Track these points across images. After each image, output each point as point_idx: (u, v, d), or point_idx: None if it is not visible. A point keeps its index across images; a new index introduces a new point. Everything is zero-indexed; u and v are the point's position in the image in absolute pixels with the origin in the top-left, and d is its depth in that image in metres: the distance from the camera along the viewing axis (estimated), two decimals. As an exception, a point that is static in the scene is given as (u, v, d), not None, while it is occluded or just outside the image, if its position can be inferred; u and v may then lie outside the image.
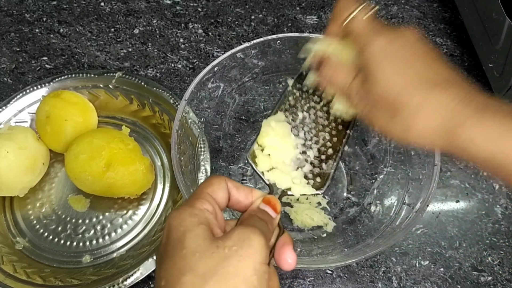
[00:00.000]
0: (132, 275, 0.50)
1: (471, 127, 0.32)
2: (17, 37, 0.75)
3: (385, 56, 0.35)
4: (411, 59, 0.35)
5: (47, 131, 0.59)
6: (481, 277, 0.53)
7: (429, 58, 0.36)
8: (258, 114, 0.61)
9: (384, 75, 0.35)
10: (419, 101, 0.33)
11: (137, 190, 0.57)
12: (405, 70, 0.35)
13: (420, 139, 0.34)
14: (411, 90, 0.34)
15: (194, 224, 0.29)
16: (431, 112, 0.33)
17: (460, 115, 0.32)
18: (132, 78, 0.64)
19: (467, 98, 0.33)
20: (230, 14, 0.77)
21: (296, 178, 0.42)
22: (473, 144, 0.32)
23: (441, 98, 0.33)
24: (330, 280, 0.53)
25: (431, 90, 0.33)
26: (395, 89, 0.34)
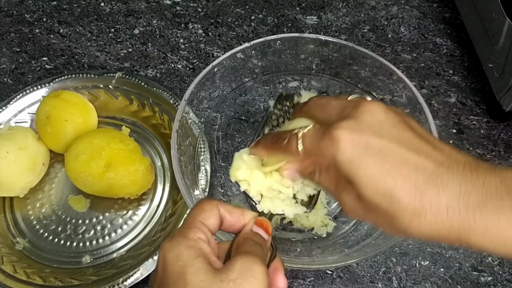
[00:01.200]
0: (132, 275, 0.50)
1: (480, 235, 0.28)
2: (17, 37, 0.75)
3: (360, 156, 0.30)
4: (391, 145, 0.30)
5: (47, 131, 0.59)
6: (481, 277, 0.53)
7: (408, 133, 0.31)
8: (258, 114, 0.61)
9: (369, 183, 0.30)
10: (416, 205, 0.29)
11: (137, 190, 0.57)
12: (389, 167, 0.30)
13: (425, 239, 0.30)
14: (404, 194, 0.29)
15: (192, 258, 0.28)
16: (432, 218, 0.29)
17: (465, 218, 0.28)
18: (132, 78, 0.64)
19: (466, 190, 0.28)
20: (230, 15, 0.77)
21: (286, 200, 0.42)
22: (485, 247, 0.29)
23: (439, 198, 0.29)
24: (330, 280, 0.53)
25: (426, 186, 0.29)
26: (385, 198, 0.30)
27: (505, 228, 0.27)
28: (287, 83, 0.59)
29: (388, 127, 0.31)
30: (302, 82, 0.59)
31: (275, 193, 0.42)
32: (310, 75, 0.58)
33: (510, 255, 0.28)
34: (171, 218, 0.56)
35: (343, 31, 0.74)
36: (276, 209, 0.41)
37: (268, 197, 0.41)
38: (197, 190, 0.51)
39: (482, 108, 0.66)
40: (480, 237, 0.28)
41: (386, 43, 0.73)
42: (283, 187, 0.42)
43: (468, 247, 0.29)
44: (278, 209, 0.41)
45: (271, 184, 0.42)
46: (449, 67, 0.70)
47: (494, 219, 0.27)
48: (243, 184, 0.43)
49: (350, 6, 0.77)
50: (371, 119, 0.32)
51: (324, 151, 0.32)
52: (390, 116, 0.32)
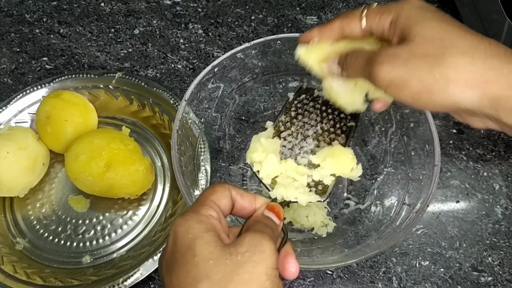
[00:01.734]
0: (132, 275, 0.50)
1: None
2: (17, 37, 0.75)
3: (426, 12, 0.33)
4: (452, 20, 0.33)
5: (47, 131, 0.59)
6: (481, 277, 0.53)
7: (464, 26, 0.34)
8: (258, 115, 0.61)
9: (431, 21, 0.32)
10: (466, 47, 0.30)
11: (137, 190, 0.57)
12: (449, 23, 0.32)
13: (467, 87, 0.30)
14: (464, 33, 0.31)
15: (202, 231, 0.29)
16: (490, 50, 0.30)
17: (499, 77, 0.30)
18: (132, 78, 0.65)
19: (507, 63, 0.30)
20: (230, 15, 0.77)
21: (300, 188, 0.43)
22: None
23: (491, 48, 0.30)
24: (330, 281, 0.53)
25: (478, 40, 0.31)
26: (444, 32, 0.31)
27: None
28: (287, 83, 0.59)
29: (443, 14, 0.34)
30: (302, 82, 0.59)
31: (289, 181, 0.43)
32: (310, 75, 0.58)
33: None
34: (171, 218, 0.56)
35: (343, 31, 0.74)
36: (289, 196, 0.41)
37: (282, 184, 0.42)
38: (197, 190, 0.51)
39: (482, 108, 0.66)
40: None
41: (386, 43, 0.73)
42: (298, 174, 0.43)
43: (497, 110, 0.30)
44: (291, 196, 0.41)
45: (285, 171, 0.43)
46: (449, 67, 0.70)
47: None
48: (256, 166, 0.43)
49: (350, 6, 0.77)
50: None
51: (392, 7, 0.35)
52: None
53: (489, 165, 0.61)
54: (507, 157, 0.61)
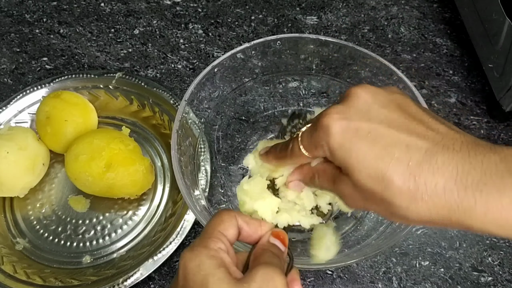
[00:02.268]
0: (132, 275, 0.50)
1: (482, 216, 0.27)
2: (17, 37, 0.75)
3: (350, 140, 0.30)
4: (380, 126, 0.30)
5: (47, 131, 0.59)
6: (481, 277, 0.53)
7: (399, 113, 0.31)
8: (258, 115, 0.61)
9: (361, 168, 0.30)
10: (411, 189, 0.28)
11: (137, 190, 0.57)
12: (379, 149, 0.29)
13: (427, 224, 0.29)
14: (398, 178, 0.28)
15: (214, 267, 0.29)
16: (429, 201, 0.28)
17: (464, 199, 0.27)
18: (132, 78, 0.65)
19: (464, 170, 0.27)
20: (230, 15, 0.77)
21: (302, 211, 0.43)
22: (487, 229, 0.28)
23: (435, 179, 0.28)
24: (330, 281, 0.53)
25: (419, 167, 0.28)
26: (379, 182, 0.29)
27: (507, 208, 0.26)
28: (287, 83, 0.59)
29: (377, 109, 0.31)
30: (302, 82, 0.59)
31: (290, 205, 0.43)
32: (310, 75, 0.58)
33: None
34: (171, 218, 0.56)
35: (343, 31, 0.74)
36: (293, 220, 0.41)
37: (285, 209, 0.42)
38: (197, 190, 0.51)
39: (482, 108, 0.66)
40: (481, 219, 0.27)
41: (386, 43, 0.73)
42: (298, 199, 0.43)
43: (470, 229, 0.28)
44: (295, 220, 0.42)
45: (284, 199, 0.43)
46: (449, 67, 0.70)
47: (495, 199, 0.26)
48: (260, 214, 0.43)
49: (350, 6, 0.77)
50: (359, 102, 0.31)
51: (318, 142, 0.32)
52: (379, 98, 0.31)
53: (489, 165, 0.61)
54: (507, 157, 0.61)
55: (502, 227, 0.27)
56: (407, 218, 0.29)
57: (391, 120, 0.30)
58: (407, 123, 0.30)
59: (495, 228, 0.27)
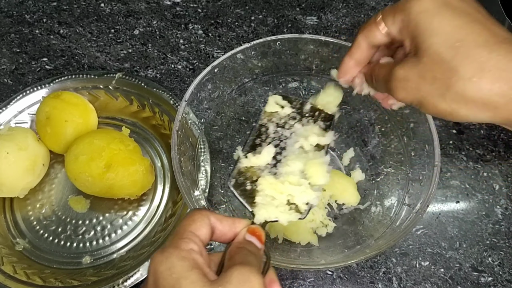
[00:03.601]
0: (132, 276, 0.50)
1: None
2: (17, 38, 0.75)
3: (438, 7, 0.31)
4: (469, 8, 0.31)
5: (47, 132, 0.59)
6: (481, 277, 0.53)
7: (482, 12, 0.32)
8: (258, 115, 0.61)
9: (438, 35, 0.30)
10: (483, 59, 0.29)
11: (137, 191, 0.57)
12: (463, 22, 0.30)
13: (478, 110, 0.30)
14: (473, 47, 0.29)
15: (186, 269, 0.27)
16: (496, 73, 0.28)
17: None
18: (132, 79, 0.65)
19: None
20: (230, 15, 0.77)
21: (280, 206, 0.41)
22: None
23: (508, 56, 0.28)
24: (330, 281, 0.53)
25: (497, 46, 0.29)
26: (452, 49, 0.29)
27: None
28: (287, 84, 0.59)
29: (470, 0, 0.32)
30: (302, 82, 0.59)
31: (268, 199, 0.41)
32: (310, 75, 0.58)
33: None
34: (171, 219, 0.56)
35: (343, 31, 0.74)
36: (270, 216, 0.40)
37: (262, 203, 0.41)
38: (197, 190, 0.51)
39: (482, 108, 0.66)
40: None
41: (386, 43, 0.73)
42: (277, 193, 0.42)
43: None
44: (273, 216, 0.40)
45: (262, 192, 0.42)
46: (449, 67, 0.70)
47: None
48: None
49: (350, 6, 0.77)
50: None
51: (401, 5, 0.33)
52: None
53: (489, 165, 0.61)
54: (507, 157, 0.61)
55: None
56: (464, 93, 0.29)
57: (480, 9, 0.31)
58: (492, 19, 0.31)
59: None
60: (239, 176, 0.43)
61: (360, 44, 0.38)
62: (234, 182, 0.43)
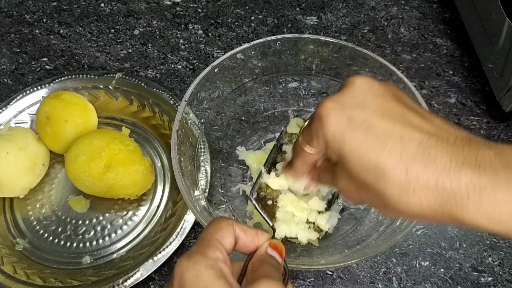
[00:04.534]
0: (132, 276, 0.50)
1: (474, 211, 0.27)
2: (17, 38, 0.75)
3: (343, 131, 0.30)
4: (374, 116, 0.29)
5: (47, 132, 0.59)
6: (482, 277, 0.53)
7: (394, 104, 0.30)
8: (258, 115, 0.61)
9: (354, 158, 0.29)
10: (402, 181, 0.28)
11: (137, 191, 0.57)
12: (370, 141, 0.29)
13: (419, 217, 0.29)
14: (389, 168, 0.28)
15: (214, 279, 0.27)
16: (420, 194, 0.28)
17: (457, 194, 0.27)
18: (132, 79, 0.65)
19: (457, 165, 0.27)
20: (230, 15, 0.77)
21: (300, 224, 0.43)
22: (479, 224, 0.27)
23: (427, 172, 0.27)
24: (330, 281, 0.53)
25: (412, 159, 0.28)
26: (371, 172, 0.29)
27: (501, 203, 0.26)
28: (287, 84, 0.59)
29: (372, 98, 0.30)
30: (302, 82, 0.59)
31: (289, 216, 0.43)
32: (310, 75, 0.58)
33: (505, 232, 0.27)
34: (171, 219, 0.56)
35: (343, 31, 0.74)
36: (291, 233, 0.41)
37: (283, 220, 0.42)
38: (197, 190, 0.51)
39: (482, 108, 0.66)
40: (474, 213, 0.26)
41: (386, 43, 0.73)
42: (297, 211, 0.44)
43: (462, 224, 0.28)
44: (293, 232, 0.42)
45: (283, 208, 0.44)
46: (449, 67, 0.70)
47: (489, 193, 0.26)
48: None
49: (350, 6, 0.77)
50: (355, 91, 0.31)
51: (315, 133, 0.32)
52: (375, 87, 0.31)
53: (489, 165, 0.60)
54: (507, 157, 0.61)
55: (494, 222, 0.27)
56: (399, 210, 0.29)
57: (385, 110, 0.30)
58: (402, 114, 0.30)
59: (487, 223, 0.27)
60: (260, 191, 0.45)
61: (298, 166, 0.38)
62: (255, 196, 0.44)
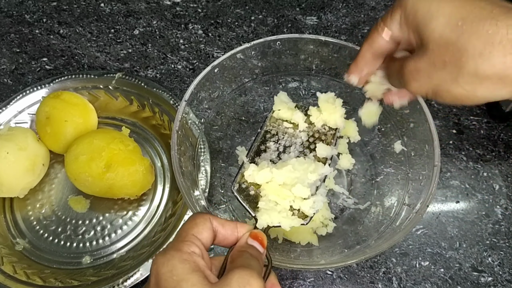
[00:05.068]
0: (132, 276, 0.50)
1: None
2: (17, 38, 0.75)
3: (431, 1, 0.31)
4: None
5: (47, 131, 0.59)
6: (481, 277, 0.53)
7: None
8: (258, 115, 0.61)
9: (438, 17, 0.30)
10: (490, 32, 0.28)
11: (137, 191, 0.57)
12: (459, 3, 0.29)
13: (495, 87, 0.29)
14: (478, 22, 0.28)
15: (187, 272, 0.28)
16: (509, 44, 0.27)
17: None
18: (132, 79, 0.64)
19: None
20: (230, 15, 0.77)
21: (283, 212, 0.42)
22: None
23: (510, 34, 0.27)
24: (330, 281, 0.53)
25: (504, 16, 0.28)
26: (455, 30, 0.29)
27: None
28: (287, 84, 0.59)
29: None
30: (302, 82, 0.59)
31: (271, 205, 0.42)
32: (310, 75, 0.58)
33: None
34: (171, 219, 0.56)
35: (343, 31, 0.74)
36: (273, 222, 0.41)
37: (265, 209, 0.41)
38: (197, 190, 0.51)
39: (482, 108, 0.66)
40: None
41: (386, 43, 0.73)
42: (280, 198, 0.42)
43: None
44: (275, 221, 0.41)
45: (265, 198, 0.43)
46: (449, 67, 0.70)
47: None
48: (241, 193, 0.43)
49: (350, 6, 0.77)
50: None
51: (398, 4, 0.32)
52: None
53: (489, 165, 0.61)
54: (507, 157, 0.61)
55: None
56: (477, 72, 0.28)
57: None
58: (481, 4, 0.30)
59: None
60: (243, 181, 0.44)
61: (365, 53, 0.38)
62: (237, 187, 0.44)
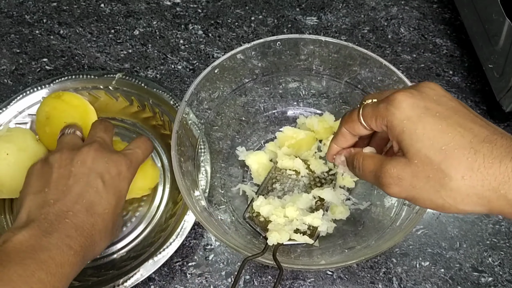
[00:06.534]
0: (132, 276, 0.50)
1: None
2: (17, 38, 0.75)
3: (419, 115, 0.33)
4: (448, 111, 0.33)
5: (46, 132, 0.59)
6: (482, 277, 0.53)
7: (464, 109, 0.34)
8: (258, 115, 0.61)
9: (424, 141, 0.32)
10: (470, 160, 0.31)
11: (149, 183, 0.56)
12: (444, 126, 0.32)
13: (474, 204, 0.32)
14: (459, 149, 0.31)
15: None
16: (484, 171, 0.30)
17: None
18: (132, 79, 0.64)
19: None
20: (230, 15, 0.77)
21: (291, 231, 0.48)
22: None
23: (493, 152, 0.31)
24: (330, 281, 0.53)
25: (480, 146, 0.31)
26: (440, 152, 0.32)
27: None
28: (287, 84, 0.60)
29: (446, 100, 0.34)
30: (302, 83, 0.59)
31: (280, 226, 0.47)
32: (310, 76, 0.58)
33: None
34: (171, 219, 0.56)
35: (343, 31, 0.74)
36: (282, 238, 0.46)
37: (275, 230, 0.46)
38: (197, 191, 0.51)
39: (482, 108, 0.66)
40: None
41: (386, 43, 0.73)
42: (289, 221, 0.49)
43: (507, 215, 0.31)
44: (285, 239, 0.46)
45: (276, 217, 0.49)
46: (449, 67, 0.70)
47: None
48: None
49: (350, 6, 0.78)
50: (431, 92, 0.35)
51: (382, 113, 0.34)
52: (448, 94, 0.35)
53: (489, 165, 0.61)
54: (507, 158, 0.61)
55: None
56: (458, 190, 0.31)
57: (458, 110, 0.34)
58: (472, 116, 0.34)
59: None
60: (253, 211, 0.51)
61: (344, 134, 0.40)
62: (248, 215, 0.51)
